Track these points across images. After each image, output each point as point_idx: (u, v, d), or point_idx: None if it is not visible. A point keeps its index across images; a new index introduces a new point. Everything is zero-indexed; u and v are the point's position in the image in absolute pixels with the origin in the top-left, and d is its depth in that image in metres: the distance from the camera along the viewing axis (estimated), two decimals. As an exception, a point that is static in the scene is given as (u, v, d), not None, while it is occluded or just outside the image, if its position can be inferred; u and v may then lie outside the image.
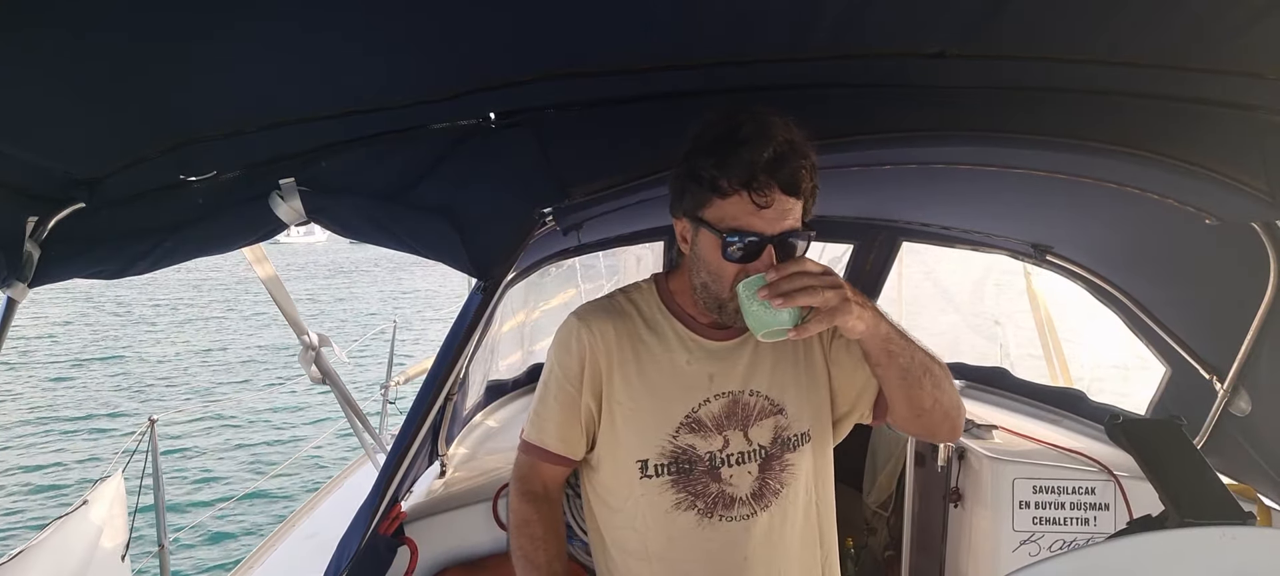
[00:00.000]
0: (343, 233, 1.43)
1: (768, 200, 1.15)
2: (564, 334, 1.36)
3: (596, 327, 1.34)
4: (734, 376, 1.33)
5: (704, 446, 1.32)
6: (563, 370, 1.35)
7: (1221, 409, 2.13)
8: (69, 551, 2.54)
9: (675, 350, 1.34)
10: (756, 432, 1.33)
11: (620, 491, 1.36)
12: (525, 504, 1.39)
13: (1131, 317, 2.43)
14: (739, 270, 1.19)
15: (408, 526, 2.00)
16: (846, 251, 3.23)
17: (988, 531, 2.38)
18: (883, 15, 1.16)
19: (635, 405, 1.33)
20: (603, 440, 1.37)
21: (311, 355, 2.33)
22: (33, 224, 1.26)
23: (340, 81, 1.20)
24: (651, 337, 1.35)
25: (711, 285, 1.25)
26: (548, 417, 1.37)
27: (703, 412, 1.32)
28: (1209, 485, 1.52)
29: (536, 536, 1.36)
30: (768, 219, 1.16)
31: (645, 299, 1.39)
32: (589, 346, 1.33)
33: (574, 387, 1.34)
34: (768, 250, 1.17)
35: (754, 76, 1.37)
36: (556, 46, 1.20)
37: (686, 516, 1.32)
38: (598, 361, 1.33)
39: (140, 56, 0.99)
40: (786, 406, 1.35)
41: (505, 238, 1.41)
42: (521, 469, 1.42)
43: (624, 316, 1.36)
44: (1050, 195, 1.97)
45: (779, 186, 1.15)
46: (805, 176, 1.17)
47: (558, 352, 1.36)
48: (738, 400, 1.33)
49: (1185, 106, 1.43)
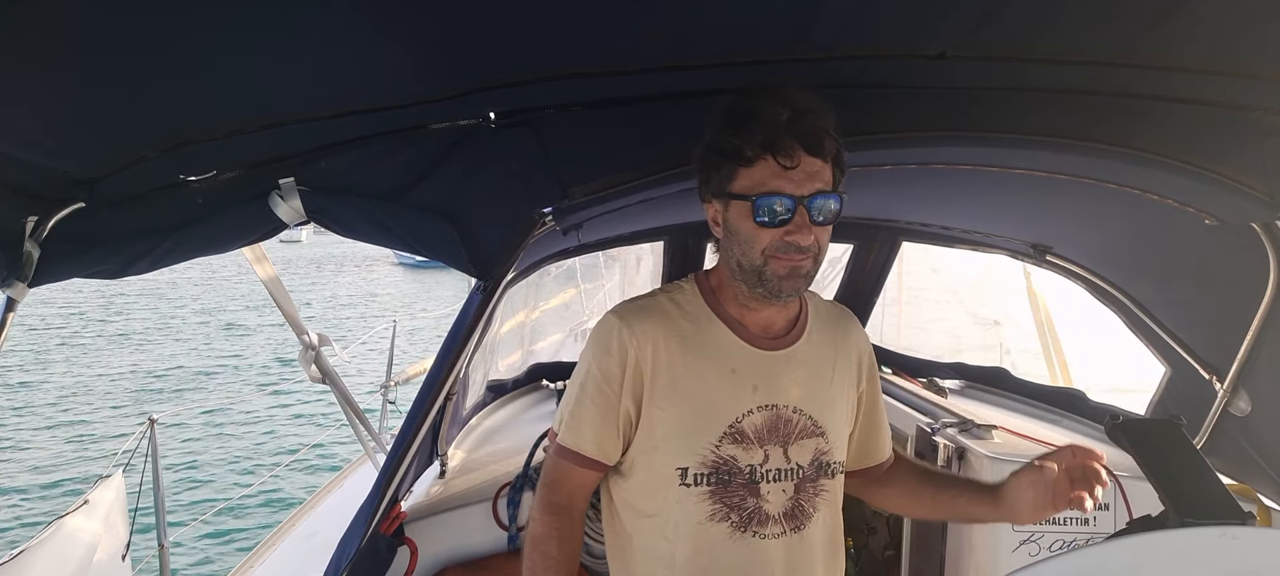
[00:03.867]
0: (343, 232, 1.43)
1: (793, 161, 1.14)
2: (604, 334, 1.30)
3: (639, 329, 1.28)
4: (778, 390, 1.29)
5: (745, 458, 1.27)
6: (602, 371, 1.29)
7: (1221, 409, 2.13)
8: (70, 551, 2.54)
9: (720, 356, 1.29)
10: (796, 452, 1.29)
11: (655, 497, 1.30)
12: (547, 516, 1.32)
13: (1131, 318, 2.43)
14: (773, 236, 1.18)
15: (408, 526, 2.00)
16: (846, 251, 3.23)
17: (988, 531, 2.38)
18: (883, 15, 1.16)
19: (678, 411, 1.27)
20: (639, 445, 1.31)
21: (311, 355, 2.33)
22: (33, 224, 1.26)
23: (340, 81, 1.20)
24: (696, 341, 1.29)
25: (746, 258, 1.21)
26: (585, 421, 1.30)
27: (746, 423, 1.27)
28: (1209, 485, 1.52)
29: (550, 555, 1.29)
30: (795, 180, 1.15)
31: (689, 299, 1.34)
32: (631, 348, 1.27)
33: (614, 390, 1.28)
34: (799, 211, 1.16)
35: (754, 76, 1.37)
36: (557, 46, 1.20)
37: (720, 528, 1.27)
38: (640, 364, 1.27)
39: (140, 56, 0.99)
40: (828, 431, 1.32)
41: (505, 237, 1.41)
42: (550, 474, 1.35)
43: (667, 317, 1.31)
44: (1050, 195, 1.96)
45: (802, 146, 1.14)
46: (827, 137, 1.16)
47: (596, 353, 1.30)
48: (780, 415, 1.29)
49: (1185, 106, 1.43)
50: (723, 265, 1.31)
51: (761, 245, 1.19)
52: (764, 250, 1.19)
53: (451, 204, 1.39)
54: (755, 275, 1.22)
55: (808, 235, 1.17)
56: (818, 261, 1.23)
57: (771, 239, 1.18)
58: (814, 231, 1.18)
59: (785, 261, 1.19)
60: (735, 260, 1.24)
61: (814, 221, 1.17)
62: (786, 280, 1.21)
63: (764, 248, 1.19)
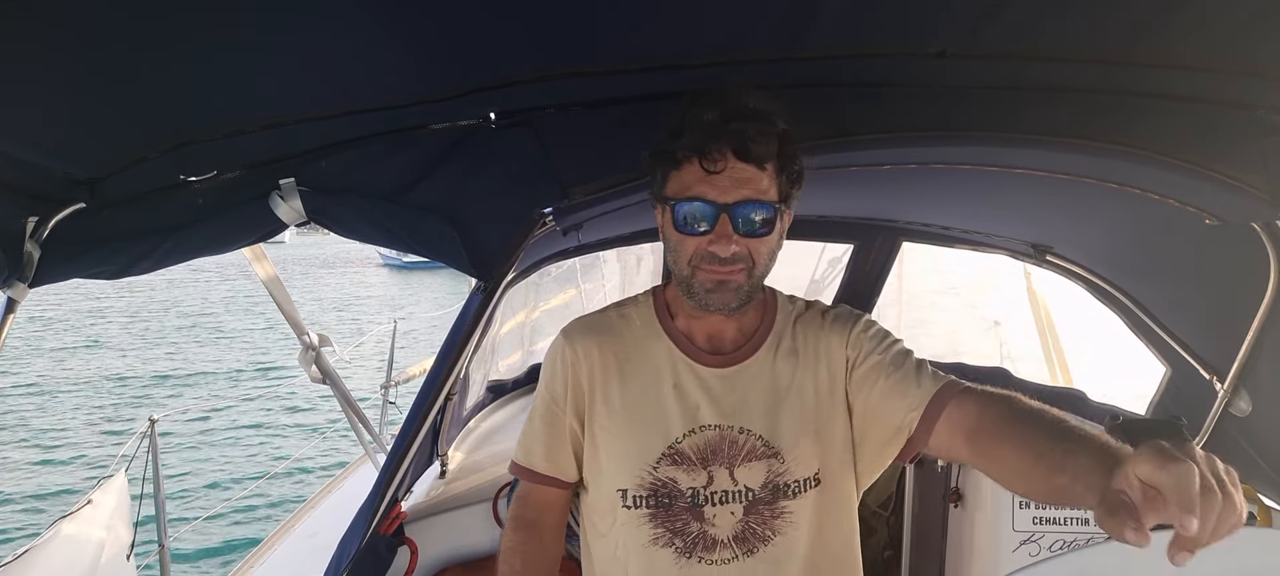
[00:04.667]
0: (343, 232, 1.43)
1: (719, 166, 1.08)
2: (551, 353, 1.31)
3: (581, 347, 1.27)
4: (724, 409, 1.22)
5: (686, 481, 1.21)
6: (549, 390, 1.30)
7: (1221, 409, 2.13)
8: (74, 551, 2.54)
9: (663, 374, 1.24)
10: (744, 474, 1.21)
11: (605, 518, 1.28)
12: (514, 532, 1.33)
13: (1131, 318, 2.43)
14: (696, 244, 1.12)
15: (408, 526, 2.00)
16: (846, 251, 3.23)
17: (987, 531, 2.38)
18: (883, 15, 1.16)
19: (617, 431, 1.25)
20: (588, 465, 1.30)
21: (311, 355, 2.33)
22: (33, 224, 1.26)
23: (340, 81, 1.20)
24: (639, 358, 1.26)
25: (676, 267, 1.18)
26: (535, 438, 1.32)
27: (686, 444, 1.21)
28: (1209, 485, 1.52)
29: (515, 569, 1.29)
30: (719, 186, 1.09)
31: (641, 314, 1.31)
32: (572, 365, 1.26)
33: (559, 408, 1.28)
34: (722, 220, 1.09)
35: (754, 76, 1.37)
36: (557, 46, 1.20)
37: (665, 553, 1.22)
38: (580, 381, 1.26)
39: (140, 56, 0.99)
40: (783, 450, 1.21)
41: (505, 237, 1.41)
42: (517, 493, 1.38)
43: (613, 334, 1.28)
44: (1050, 195, 1.96)
45: (733, 150, 1.08)
46: (761, 142, 1.08)
47: (545, 372, 1.31)
48: (725, 435, 1.21)
49: (1186, 105, 1.43)
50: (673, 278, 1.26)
51: (687, 254, 1.14)
52: (690, 260, 1.14)
53: (452, 204, 1.39)
54: (685, 286, 1.18)
55: (727, 245, 1.10)
56: (754, 275, 1.16)
57: (696, 248, 1.13)
58: (739, 242, 1.11)
59: (710, 274, 1.13)
60: (672, 268, 1.20)
61: (738, 231, 1.10)
62: (713, 293, 1.15)
63: (689, 257, 1.14)
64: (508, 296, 2.79)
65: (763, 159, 1.10)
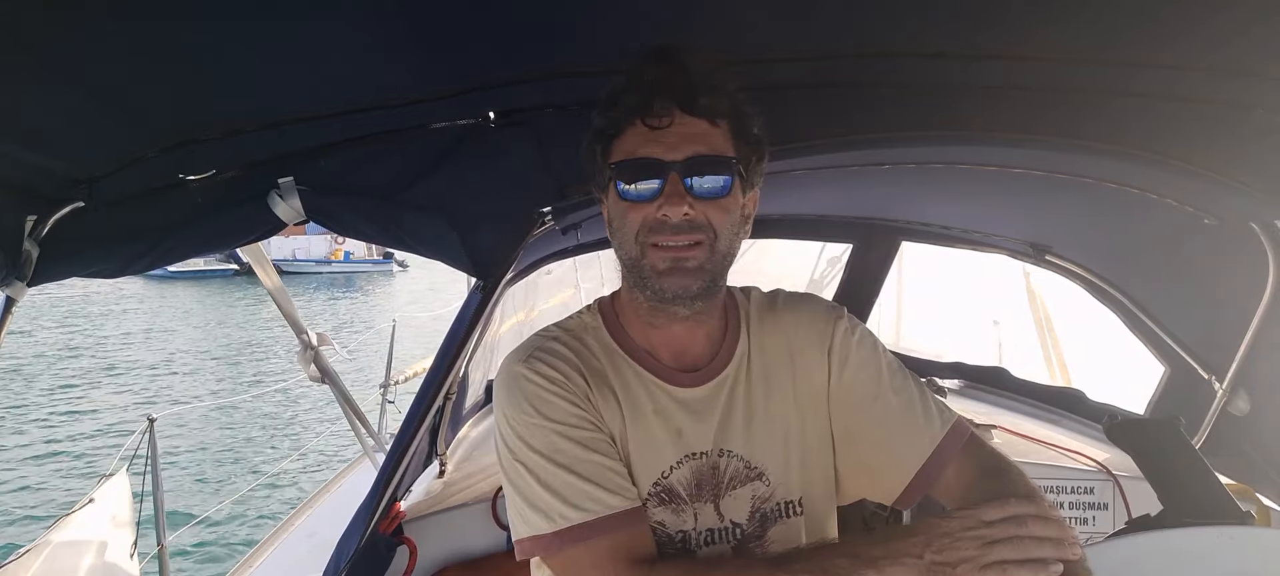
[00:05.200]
0: (342, 232, 1.43)
1: (665, 121, 0.94)
2: (518, 385, 1.02)
3: (557, 369, 1.02)
4: (705, 433, 1.05)
5: (675, 523, 1.03)
6: (550, 420, 1.00)
7: (1220, 409, 2.13)
8: (76, 550, 2.54)
9: (640, 400, 1.05)
10: (730, 505, 1.05)
11: None
12: None
13: (1130, 317, 2.43)
14: (643, 214, 0.96)
15: (407, 526, 2.00)
16: (846, 251, 3.23)
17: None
18: (881, 15, 1.16)
19: None
20: None
21: (311, 354, 2.33)
22: (32, 223, 1.26)
23: (339, 81, 1.20)
24: (616, 385, 1.05)
25: (623, 250, 1.01)
26: (567, 485, 0.97)
27: (674, 478, 1.04)
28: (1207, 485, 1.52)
29: None
30: (666, 143, 0.94)
31: (592, 335, 1.09)
32: (563, 386, 1.01)
33: (581, 424, 1.00)
34: (672, 179, 0.94)
35: (752, 76, 1.37)
36: (555, 46, 1.20)
37: None
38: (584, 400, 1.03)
39: (140, 56, 1.00)
40: (767, 471, 1.06)
41: (504, 237, 1.41)
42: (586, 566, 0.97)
43: (577, 360, 1.05)
44: (1049, 195, 1.97)
45: (677, 104, 0.94)
46: (710, 93, 0.96)
47: (530, 405, 1.00)
48: (708, 462, 1.05)
49: (1184, 105, 1.43)
50: (628, 295, 1.08)
51: (634, 229, 0.98)
52: (637, 235, 0.98)
53: (450, 203, 1.39)
54: (636, 272, 1.00)
55: (678, 207, 0.94)
56: (717, 251, 0.98)
57: (643, 217, 0.96)
58: (695, 206, 0.95)
59: (664, 251, 0.97)
60: (620, 259, 1.04)
61: (692, 193, 0.95)
62: (668, 276, 0.97)
63: (637, 231, 0.97)
64: (507, 296, 2.79)
65: (715, 113, 0.97)
